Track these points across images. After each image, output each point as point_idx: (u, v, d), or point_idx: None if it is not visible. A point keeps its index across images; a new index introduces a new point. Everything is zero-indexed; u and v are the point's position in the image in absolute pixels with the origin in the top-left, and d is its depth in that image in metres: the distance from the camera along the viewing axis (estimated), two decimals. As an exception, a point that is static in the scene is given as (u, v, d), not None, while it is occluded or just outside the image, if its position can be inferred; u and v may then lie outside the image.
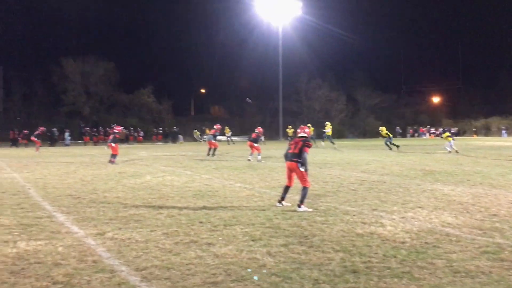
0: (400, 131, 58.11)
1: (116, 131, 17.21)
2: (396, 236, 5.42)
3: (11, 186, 10.14)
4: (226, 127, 37.42)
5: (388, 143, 24.04)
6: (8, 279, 3.98)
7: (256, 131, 18.14)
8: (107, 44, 63.16)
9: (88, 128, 46.44)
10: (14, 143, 37.51)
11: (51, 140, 40.21)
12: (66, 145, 40.35)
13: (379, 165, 14.85)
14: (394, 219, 6.40)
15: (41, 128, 30.24)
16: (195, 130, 45.68)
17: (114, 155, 16.19)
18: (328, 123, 28.82)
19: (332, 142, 27.78)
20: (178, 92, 64.15)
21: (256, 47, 54.19)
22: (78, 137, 44.62)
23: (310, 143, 7.44)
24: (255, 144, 17.18)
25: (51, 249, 4.89)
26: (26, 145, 34.69)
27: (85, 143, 42.56)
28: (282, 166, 9.66)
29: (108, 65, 54.56)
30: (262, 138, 18.45)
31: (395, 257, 4.60)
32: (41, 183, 10.61)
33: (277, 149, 25.03)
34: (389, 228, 5.83)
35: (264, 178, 11.51)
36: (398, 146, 23.77)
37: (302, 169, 7.16)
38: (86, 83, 54.58)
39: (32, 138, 28.05)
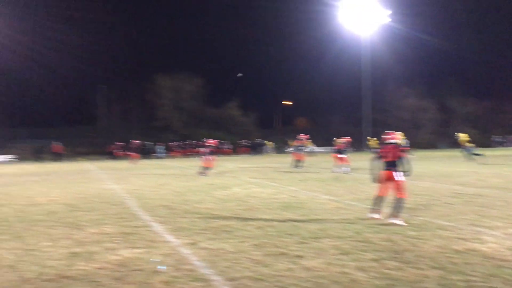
0: (499, 140, 54.05)
1: (210, 144, 17.74)
2: (498, 253, 5.05)
3: (112, 197, 10.90)
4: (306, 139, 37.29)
5: (470, 153, 22.49)
6: (113, 285, 4.27)
7: (342, 141, 17.72)
8: (196, 61, 65.98)
9: (177, 142, 48.64)
10: (112, 156, 40.37)
11: (145, 153, 42.65)
12: (159, 158, 42.57)
13: (475, 177, 13.95)
14: (495, 235, 5.97)
15: (136, 142, 32.24)
16: (269, 142, 46.19)
17: (206, 168, 16.76)
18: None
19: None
20: (264, 104, 65.24)
21: (340, 56, 53.71)
22: (170, 150, 46.86)
23: (406, 148, 7.18)
24: (341, 155, 16.89)
25: (150, 257, 5.17)
26: (122, 158, 37.12)
27: (177, 156, 44.62)
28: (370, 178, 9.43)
29: (197, 81, 56.96)
30: (349, 148, 18.04)
31: (498, 276, 4.28)
32: (138, 194, 11.29)
33: (363, 160, 24.47)
34: (490, 244, 5.44)
35: (351, 190, 11.30)
36: (480, 155, 22.12)
37: (399, 178, 6.94)
38: (177, 99, 57.32)
39: (128, 151, 30.07)
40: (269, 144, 44.86)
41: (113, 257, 5.22)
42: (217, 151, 22.75)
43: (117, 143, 41.55)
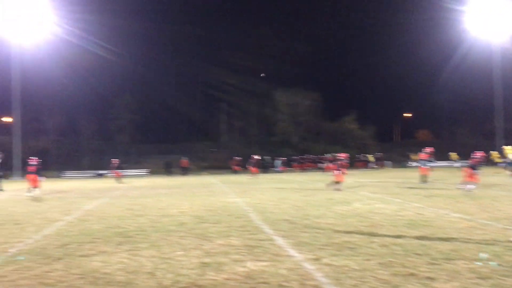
0: None
1: (341, 158, 17.62)
2: None
3: (236, 210, 11.33)
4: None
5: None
6: (241, 295, 4.43)
7: (475, 156, 16.21)
8: (312, 75, 66.35)
9: (295, 157, 49.13)
10: (234, 170, 42.08)
11: (264, 167, 43.75)
12: (278, 172, 43.35)
13: None
14: None
15: (254, 157, 33.25)
16: (368, 155, 44.41)
17: (338, 182, 16.68)
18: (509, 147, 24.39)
19: None
20: (382, 117, 63.18)
21: (465, 64, 49.95)
22: (288, 165, 47.49)
23: None
24: (474, 171, 15.51)
25: (275, 271, 5.27)
26: (241, 172, 38.49)
27: (294, 170, 45.06)
28: (506, 195, 8.58)
29: (314, 96, 57.24)
30: (482, 164, 16.54)
31: None
32: (259, 208, 11.59)
33: (497, 175, 22.37)
34: None
35: (485, 208, 10.39)
36: None
37: None
38: (294, 114, 58.11)
39: (248, 166, 31.16)
40: (369, 157, 43.13)
41: (240, 268, 5.41)
42: (348, 165, 22.53)
43: (236, 158, 43.20)
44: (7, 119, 60.72)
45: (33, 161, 18.76)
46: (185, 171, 44.51)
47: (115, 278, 5.06)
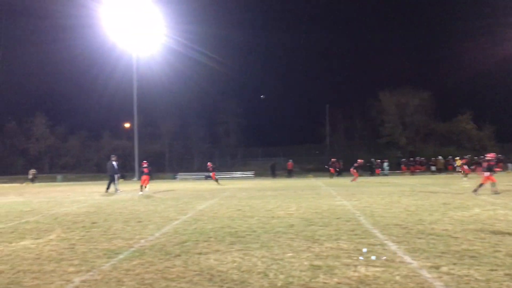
0: None
1: (490, 158, 16.46)
2: None
3: (343, 213, 11.15)
4: None
5: None
6: (355, 300, 4.34)
7: None
8: (422, 73, 63.20)
9: (404, 159, 47.03)
10: (339, 172, 41.47)
11: (371, 170, 42.55)
12: (385, 175, 41.92)
13: None
14: None
15: (359, 161, 32.51)
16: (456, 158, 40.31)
17: (482, 185, 15.72)
18: None
19: None
20: (503, 116, 58.01)
21: None
22: (396, 167, 45.71)
23: None
24: None
25: (389, 277, 5.08)
26: (334, 174, 37.77)
27: (403, 173, 43.21)
28: None
29: (423, 95, 54.43)
30: None
31: None
32: (368, 211, 11.28)
33: None
34: None
35: None
36: None
37: None
38: (402, 114, 55.78)
39: (351, 169, 30.56)
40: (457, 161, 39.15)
41: (351, 273, 5.30)
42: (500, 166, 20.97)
43: (333, 160, 42.45)
44: (127, 125, 66.12)
45: (145, 164, 22.24)
46: (290, 173, 44.88)
47: (230, 276, 5.24)
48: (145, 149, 63.56)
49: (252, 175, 52.95)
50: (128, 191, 23.61)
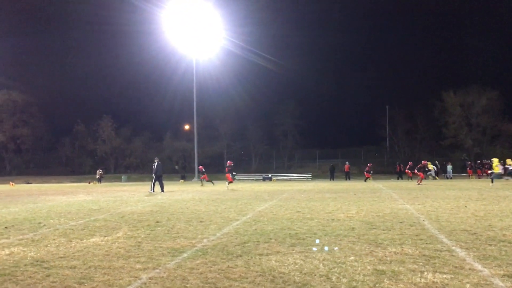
0: None
1: None
2: None
3: (407, 217, 10.82)
4: None
5: None
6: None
7: None
8: (489, 71, 60.21)
9: (470, 162, 44.99)
10: (400, 175, 40.31)
11: (435, 172, 41.04)
12: (448, 178, 40.28)
13: None
14: None
15: (423, 162, 31.42)
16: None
17: None
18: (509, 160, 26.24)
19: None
20: None
21: None
22: (461, 170, 43.81)
23: None
24: None
25: (458, 284, 4.87)
26: (410, 177, 36.61)
27: (469, 176, 41.33)
28: None
29: (491, 94, 51.76)
30: None
31: None
32: (433, 216, 10.87)
33: None
34: None
35: None
36: None
37: None
38: (467, 115, 53.40)
39: (415, 171, 29.60)
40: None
41: (418, 279, 5.13)
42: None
43: (369, 164, 41.25)
44: (187, 127, 67.85)
45: (229, 163, 27.56)
46: (348, 175, 44.19)
47: (292, 278, 5.24)
48: (204, 150, 64.91)
49: (309, 177, 52.64)
50: (192, 192, 24.19)
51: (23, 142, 74.47)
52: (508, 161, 29.87)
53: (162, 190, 24.15)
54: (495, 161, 26.62)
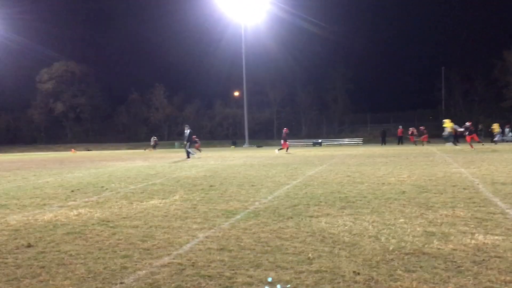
0: None
1: None
2: None
3: (460, 180, 10.64)
4: None
5: None
6: (472, 268, 4.26)
7: None
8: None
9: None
10: (456, 139, 39.01)
11: (491, 136, 39.44)
12: (507, 141, 38.65)
13: None
14: None
15: (468, 123, 29.81)
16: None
17: None
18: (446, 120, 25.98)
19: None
20: None
21: None
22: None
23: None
24: None
25: (510, 246, 4.88)
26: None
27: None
28: None
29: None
30: None
31: None
32: (488, 179, 10.63)
33: None
34: None
35: None
36: None
37: None
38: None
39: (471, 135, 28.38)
40: None
41: (468, 240, 5.16)
42: None
43: (421, 127, 39.83)
44: (236, 93, 68.36)
45: (285, 130, 29.25)
46: (401, 140, 43.30)
47: (341, 239, 5.41)
48: (254, 117, 65.36)
49: (361, 142, 52.02)
50: (243, 157, 24.67)
51: (82, 111, 77.87)
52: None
53: (188, 157, 24.69)
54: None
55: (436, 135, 45.63)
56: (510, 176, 11.11)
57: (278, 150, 29.35)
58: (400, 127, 44.47)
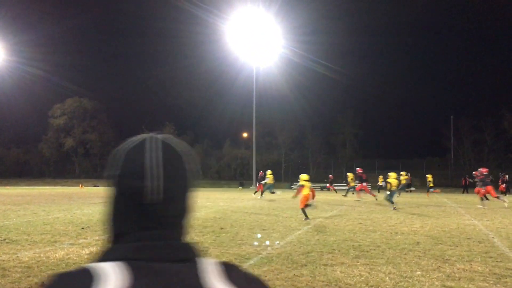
0: None
1: None
2: None
3: (475, 233, 10.49)
4: None
5: None
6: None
7: None
8: None
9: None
10: (466, 189, 38.69)
11: (506, 187, 39.03)
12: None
13: None
14: None
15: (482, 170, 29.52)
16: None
17: None
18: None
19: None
20: None
21: None
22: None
23: None
24: None
25: (533, 306, 4.76)
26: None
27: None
28: None
29: None
30: None
31: None
32: (503, 233, 10.47)
33: None
34: None
35: None
36: None
37: None
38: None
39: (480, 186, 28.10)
40: None
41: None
42: None
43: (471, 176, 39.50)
44: (245, 135, 68.77)
45: (260, 173, 27.60)
46: (408, 187, 42.95)
47: (358, 290, 5.32)
48: (263, 158, 65.46)
49: (369, 188, 51.62)
50: (250, 199, 24.55)
51: (91, 146, 78.48)
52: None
53: None
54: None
55: (444, 184, 45.27)
56: (525, 230, 10.93)
57: (254, 193, 29.75)
58: (408, 174, 44.19)
